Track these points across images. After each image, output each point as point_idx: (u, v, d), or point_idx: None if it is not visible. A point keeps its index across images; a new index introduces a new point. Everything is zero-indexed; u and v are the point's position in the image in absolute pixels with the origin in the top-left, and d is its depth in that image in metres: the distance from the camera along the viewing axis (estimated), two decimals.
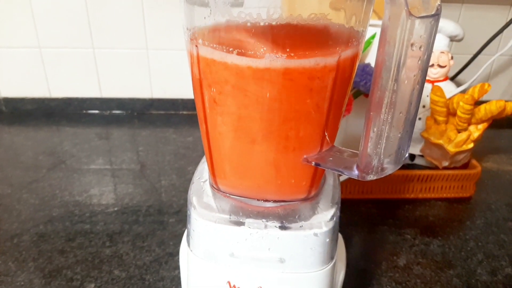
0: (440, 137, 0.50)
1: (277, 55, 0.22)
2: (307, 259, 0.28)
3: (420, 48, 0.19)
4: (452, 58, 0.53)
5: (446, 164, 0.52)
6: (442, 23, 0.52)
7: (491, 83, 0.47)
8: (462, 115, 0.48)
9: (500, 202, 0.54)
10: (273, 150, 0.26)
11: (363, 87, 0.46)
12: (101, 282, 0.40)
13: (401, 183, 0.53)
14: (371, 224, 0.49)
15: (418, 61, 0.20)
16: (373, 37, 0.46)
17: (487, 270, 0.42)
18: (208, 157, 0.29)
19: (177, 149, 0.66)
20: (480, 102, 0.48)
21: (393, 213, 0.51)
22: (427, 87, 0.52)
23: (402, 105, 0.21)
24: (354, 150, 0.27)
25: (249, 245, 0.28)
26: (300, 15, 0.22)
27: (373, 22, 0.45)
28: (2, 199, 0.52)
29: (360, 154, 0.23)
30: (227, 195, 0.29)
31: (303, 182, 0.28)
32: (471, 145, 0.49)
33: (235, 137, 0.26)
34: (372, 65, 0.45)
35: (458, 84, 0.56)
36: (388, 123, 0.21)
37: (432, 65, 0.53)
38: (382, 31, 0.20)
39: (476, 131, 0.49)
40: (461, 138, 0.48)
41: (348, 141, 0.51)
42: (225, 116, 0.25)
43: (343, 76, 0.24)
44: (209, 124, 0.27)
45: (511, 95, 0.81)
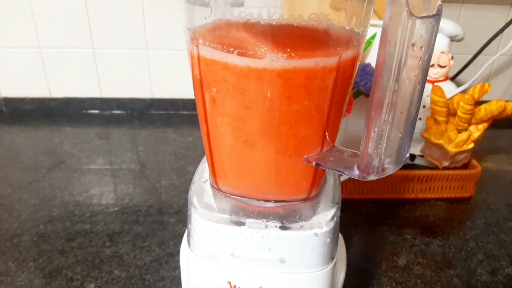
0: (440, 137, 0.50)
1: (278, 55, 0.22)
2: (308, 259, 0.28)
3: (421, 48, 0.19)
4: (452, 58, 0.53)
5: (447, 164, 0.52)
6: (442, 23, 0.52)
7: (491, 83, 0.47)
8: (463, 115, 0.48)
9: (500, 202, 0.54)
10: (274, 150, 0.26)
11: (363, 87, 0.46)
12: (101, 282, 0.40)
13: (401, 183, 0.53)
14: (371, 224, 0.49)
15: (419, 61, 0.20)
16: (374, 37, 0.46)
17: (487, 270, 0.42)
18: (209, 157, 0.28)
19: (177, 149, 0.66)
20: (481, 102, 0.48)
21: (393, 213, 0.51)
22: (428, 87, 0.52)
23: (403, 105, 0.21)
24: (355, 150, 0.27)
25: (250, 245, 0.28)
26: (301, 15, 0.22)
27: (374, 22, 0.45)
28: (2, 199, 0.52)
29: (361, 154, 0.23)
30: (228, 195, 0.29)
31: (304, 182, 0.28)
32: (472, 145, 0.49)
33: (236, 137, 0.26)
34: (373, 65, 0.45)
35: (458, 84, 0.56)
36: (389, 123, 0.21)
37: (433, 65, 0.53)
38: (383, 31, 0.20)
39: (477, 131, 0.49)
40: (462, 138, 0.48)
41: (349, 141, 0.51)
42: (226, 116, 0.25)
43: (344, 76, 0.24)
44: (210, 124, 0.27)
45: (511, 95, 0.81)
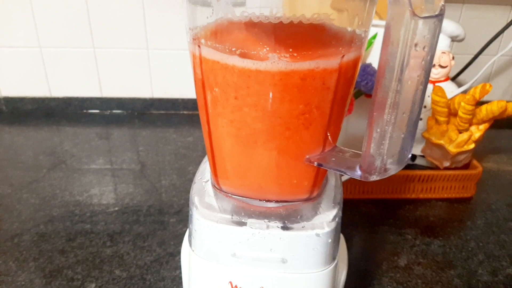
0: (441, 138, 0.50)
1: (280, 56, 0.22)
2: (309, 260, 0.28)
3: (424, 49, 0.19)
4: (453, 59, 0.53)
5: (447, 165, 0.52)
6: (443, 23, 0.52)
7: (492, 84, 0.47)
8: (464, 116, 0.47)
9: (501, 202, 0.54)
10: (276, 150, 0.26)
11: (364, 87, 0.46)
12: (102, 282, 0.39)
13: (402, 183, 0.53)
14: (372, 224, 0.49)
15: (422, 62, 0.20)
16: (375, 37, 0.46)
17: (488, 271, 0.42)
18: (210, 157, 0.28)
19: (177, 149, 0.66)
20: (481, 103, 0.48)
21: (394, 213, 0.51)
22: (428, 88, 0.52)
23: (405, 106, 0.21)
24: (356, 151, 0.27)
25: (251, 245, 0.28)
26: (303, 15, 0.22)
27: (375, 22, 0.45)
28: (3, 199, 0.52)
29: (363, 155, 0.23)
30: (229, 195, 0.29)
31: (305, 183, 0.28)
32: (472, 146, 0.49)
33: (238, 137, 0.26)
34: (374, 65, 0.45)
35: (459, 84, 0.56)
36: (391, 124, 0.21)
37: (434, 66, 0.53)
38: (386, 31, 0.20)
39: (477, 132, 0.49)
40: (462, 139, 0.48)
41: (349, 141, 0.51)
42: (228, 116, 0.25)
43: (346, 77, 0.24)
44: (212, 124, 0.26)
45: None
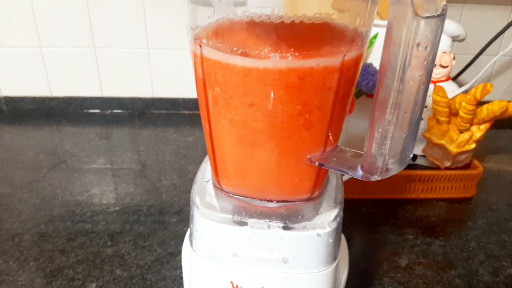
0: (442, 137, 0.50)
1: (282, 55, 0.22)
2: (310, 260, 0.28)
3: (426, 48, 0.19)
4: (454, 58, 0.53)
5: (448, 165, 0.52)
6: (444, 23, 0.52)
7: (493, 84, 0.47)
8: (464, 116, 0.47)
9: (501, 203, 0.54)
10: (277, 150, 0.26)
11: (365, 87, 0.45)
12: (103, 282, 0.39)
13: (403, 183, 0.53)
14: (372, 224, 0.49)
15: (424, 61, 0.20)
16: (375, 37, 0.46)
17: (489, 271, 0.42)
18: (211, 157, 0.28)
19: (178, 149, 0.66)
20: (482, 103, 0.48)
21: (395, 213, 0.51)
22: (429, 87, 0.52)
23: (407, 106, 0.21)
24: (358, 151, 0.27)
25: (252, 245, 0.28)
26: (305, 15, 0.22)
27: (376, 22, 0.45)
28: (3, 199, 0.52)
29: (365, 155, 0.23)
30: (230, 195, 0.29)
31: (307, 182, 0.28)
32: (473, 146, 0.49)
33: (239, 137, 0.26)
34: (374, 65, 0.45)
35: (460, 84, 0.56)
36: (393, 124, 0.21)
37: (435, 65, 0.53)
38: (388, 31, 0.20)
39: (478, 132, 0.49)
40: (463, 139, 0.48)
41: (350, 141, 0.51)
42: (229, 116, 0.25)
43: (347, 76, 0.24)
44: (213, 124, 0.26)
45: None
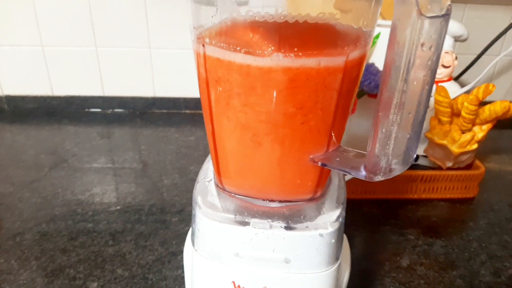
0: (444, 138, 0.50)
1: (285, 55, 0.22)
2: (312, 260, 0.28)
3: (430, 48, 0.19)
4: (456, 58, 0.53)
5: (450, 165, 0.52)
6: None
7: (494, 84, 0.47)
8: (467, 116, 0.47)
9: (503, 203, 0.54)
10: (279, 150, 0.25)
11: (367, 87, 0.45)
12: (104, 281, 0.39)
13: (404, 183, 0.53)
14: (374, 225, 0.49)
15: (428, 62, 0.20)
16: (378, 37, 0.46)
17: (491, 271, 0.42)
18: (214, 156, 0.28)
19: (179, 148, 0.65)
20: (484, 103, 0.48)
21: (396, 214, 0.51)
22: None
23: (411, 106, 0.21)
24: (361, 151, 0.27)
25: (254, 245, 0.28)
26: (309, 14, 0.22)
27: (378, 22, 0.45)
28: (4, 198, 0.52)
29: (368, 155, 0.23)
30: (232, 195, 0.29)
31: (309, 182, 0.27)
32: (475, 146, 0.49)
33: (241, 137, 0.26)
34: (376, 65, 0.45)
35: (462, 84, 0.56)
36: (397, 124, 0.21)
37: None
38: (392, 31, 0.19)
39: (480, 132, 0.49)
40: (465, 139, 0.48)
41: (351, 141, 0.51)
42: (231, 116, 0.25)
43: (351, 76, 0.24)
44: (215, 123, 0.26)
45: None
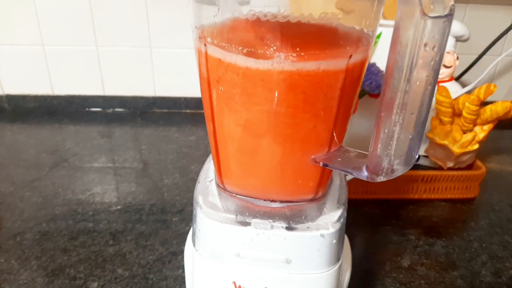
0: (445, 138, 0.50)
1: (287, 55, 0.22)
2: (314, 260, 0.28)
3: (433, 49, 0.19)
4: (458, 59, 0.53)
5: (451, 165, 0.52)
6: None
7: (496, 84, 0.47)
8: (468, 116, 0.47)
9: (504, 203, 0.54)
10: (281, 150, 0.25)
11: (368, 87, 0.45)
12: (104, 281, 0.39)
13: (405, 184, 0.53)
14: (375, 225, 0.49)
15: (431, 62, 0.19)
16: (379, 37, 0.46)
17: (491, 272, 0.42)
18: (215, 156, 0.28)
19: (180, 148, 0.65)
20: (485, 103, 0.48)
21: (397, 214, 0.51)
22: None
23: (414, 106, 0.20)
24: (362, 151, 0.27)
25: (255, 246, 0.28)
26: (311, 15, 0.21)
27: (380, 22, 0.45)
28: (5, 198, 0.52)
29: (370, 155, 0.23)
30: (234, 195, 0.29)
31: (311, 183, 0.27)
32: (476, 146, 0.49)
33: (243, 137, 0.25)
34: (378, 65, 0.45)
35: (463, 85, 0.56)
36: (399, 124, 0.21)
37: None
38: (395, 31, 0.19)
39: (482, 132, 0.49)
40: (467, 139, 0.48)
41: (352, 141, 0.51)
42: (233, 115, 0.25)
43: (353, 77, 0.24)
44: (217, 123, 0.26)
45: None
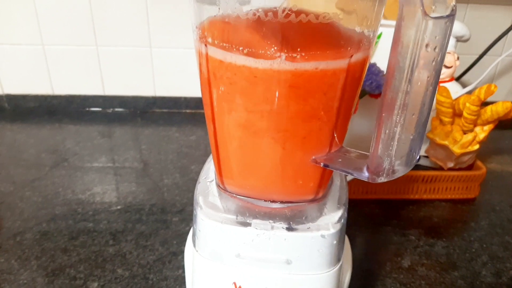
0: (446, 138, 0.50)
1: (287, 55, 0.22)
2: (314, 261, 0.28)
3: (435, 49, 0.19)
4: (458, 59, 0.53)
5: (451, 165, 0.52)
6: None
7: (496, 84, 0.47)
8: (468, 116, 0.47)
9: (504, 203, 0.54)
10: (281, 151, 0.25)
11: (369, 87, 0.45)
12: (104, 281, 0.39)
13: (405, 184, 0.53)
14: (375, 225, 0.49)
15: (432, 62, 0.19)
16: (379, 37, 0.46)
17: (492, 272, 0.42)
18: (215, 157, 0.28)
19: (180, 148, 0.65)
20: (486, 103, 0.48)
21: (397, 214, 0.51)
22: None
23: (415, 107, 0.20)
24: (362, 151, 0.26)
25: (256, 246, 0.28)
26: (312, 15, 0.21)
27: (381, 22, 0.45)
28: (5, 197, 0.52)
29: (371, 156, 0.23)
30: (234, 196, 0.29)
31: (311, 183, 0.27)
32: (477, 146, 0.49)
33: (243, 137, 0.25)
34: (378, 65, 0.45)
35: (463, 85, 0.56)
36: (400, 125, 0.21)
37: None
38: (396, 31, 0.19)
39: (482, 132, 0.49)
40: (467, 139, 0.48)
41: (353, 141, 0.50)
42: (233, 116, 0.25)
43: (354, 77, 0.24)
44: (217, 123, 0.26)
45: None
